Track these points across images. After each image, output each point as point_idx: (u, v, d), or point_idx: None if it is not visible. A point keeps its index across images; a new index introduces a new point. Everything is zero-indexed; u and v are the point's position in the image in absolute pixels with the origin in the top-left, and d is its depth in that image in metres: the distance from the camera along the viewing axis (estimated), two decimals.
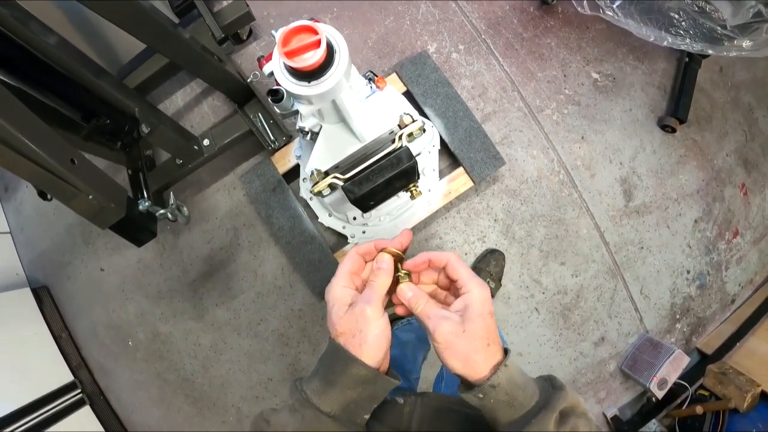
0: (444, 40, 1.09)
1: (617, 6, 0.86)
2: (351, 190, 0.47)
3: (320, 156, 0.51)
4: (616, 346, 1.11)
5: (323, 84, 0.41)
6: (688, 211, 1.13)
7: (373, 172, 0.48)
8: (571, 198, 1.07)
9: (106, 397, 1.27)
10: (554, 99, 1.08)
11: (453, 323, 0.30)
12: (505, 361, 0.30)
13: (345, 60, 0.41)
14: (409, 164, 0.47)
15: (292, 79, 0.42)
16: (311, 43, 0.39)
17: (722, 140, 1.16)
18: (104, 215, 0.65)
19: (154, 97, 1.19)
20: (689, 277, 1.14)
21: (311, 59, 0.38)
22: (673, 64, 1.15)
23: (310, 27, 0.39)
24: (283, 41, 0.39)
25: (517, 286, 1.07)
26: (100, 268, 1.25)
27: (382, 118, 0.50)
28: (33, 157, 0.54)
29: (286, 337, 1.10)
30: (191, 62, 0.85)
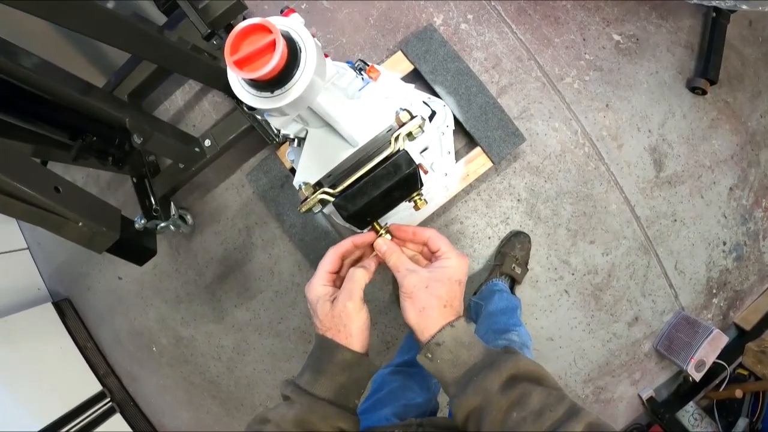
0: (451, 10, 1.02)
1: None
2: (343, 207, 0.39)
3: (308, 166, 0.43)
4: (651, 326, 1.06)
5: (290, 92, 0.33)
6: (722, 178, 1.06)
7: (367, 183, 0.39)
8: (598, 171, 1.01)
9: (136, 403, 1.29)
10: (574, 66, 1.01)
11: (420, 277, 0.33)
12: (453, 322, 0.32)
13: (313, 58, 0.33)
14: (409, 171, 0.39)
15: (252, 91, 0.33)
16: (265, 46, 0.31)
17: (756, 100, 1.08)
18: (98, 240, 0.63)
19: (153, 99, 1.15)
20: (725, 249, 1.08)
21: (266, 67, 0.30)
22: (699, 20, 1.06)
23: (261, 26, 0.31)
24: (230, 48, 0.31)
25: (545, 268, 1.02)
26: (118, 276, 1.25)
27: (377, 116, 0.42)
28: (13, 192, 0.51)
29: (309, 335, 1.08)
30: (181, 65, 0.81)
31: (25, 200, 0.53)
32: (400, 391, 0.62)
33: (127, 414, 1.26)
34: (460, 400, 0.30)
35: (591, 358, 1.06)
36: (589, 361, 1.06)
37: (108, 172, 1.16)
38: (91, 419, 1.15)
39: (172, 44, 0.76)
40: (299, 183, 0.42)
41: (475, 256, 1.03)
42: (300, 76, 0.33)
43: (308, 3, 1.07)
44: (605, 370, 1.08)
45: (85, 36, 0.63)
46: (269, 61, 0.31)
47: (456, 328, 0.32)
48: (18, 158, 0.53)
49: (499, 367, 0.30)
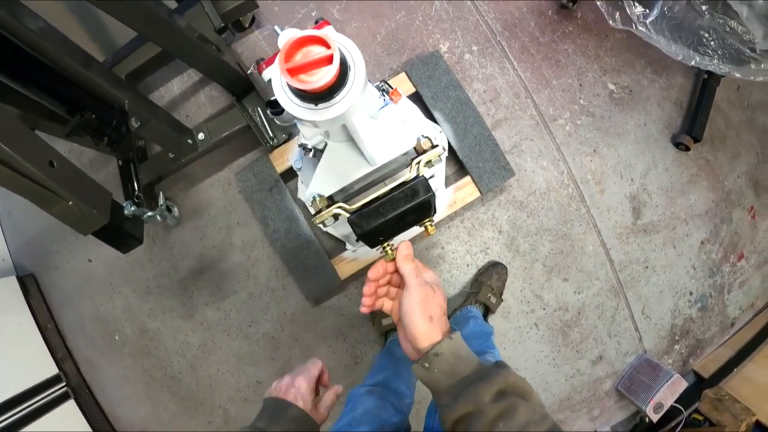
0: (457, 39, 1.04)
1: (650, 22, 0.82)
2: (358, 224, 0.40)
3: (323, 179, 0.44)
4: (614, 365, 1.09)
5: (333, 108, 0.33)
6: (695, 231, 1.11)
7: (383, 204, 0.40)
8: (579, 213, 1.04)
9: (91, 391, 1.24)
10: (568, 108, 1.04)
11: (427, 288, 0.37)
12: (451, 335, 0.34)
13: (361, 79, 0.34)
14: (426, 197, 0.40)
15: (296, 100, 0.34)
16: (321, 59, 0.31)
17: (734, 161, 1.13)
18: (86, 222, 0.61)
19: (149, 83, 1.13)
20: (691, 299, 1.13)
21: (321, 80, 0.31)
22: (691, 79, 1.11)
23: (320, 38, 0.31)
24: (286, 55, 0.31)
25: (518, 300, 1.04)
26: (89, 259, 1.21)
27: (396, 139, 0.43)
28: (6, 160, 0.49)
29: (278, 341, 1.07)
30: (186, 52, 0.79)
31: (17, 170, 0.50)
32: (375, 410, 0.63)
33: (81, 401, 1.22)
34: (451, 407, 0.31)
35: (553, 392, 1.09)
36: (551, 394, 1.09)
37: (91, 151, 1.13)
38: (43, 403, 1.10)
39: (180, 30, 0.74)
40: (314, 194, 0.42)
41: (452, 281, 1.04)
42: (346, 94, 0.34)
43: (318, 11, 1.07)
44: (566, 404, 1.10)
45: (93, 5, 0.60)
46: (325, 75, 0.31)
47: (454, 340, 0.34)
48: (16, 125, 0.51)
49: (491, 379, 0.32)
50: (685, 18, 0.83)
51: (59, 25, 0.72)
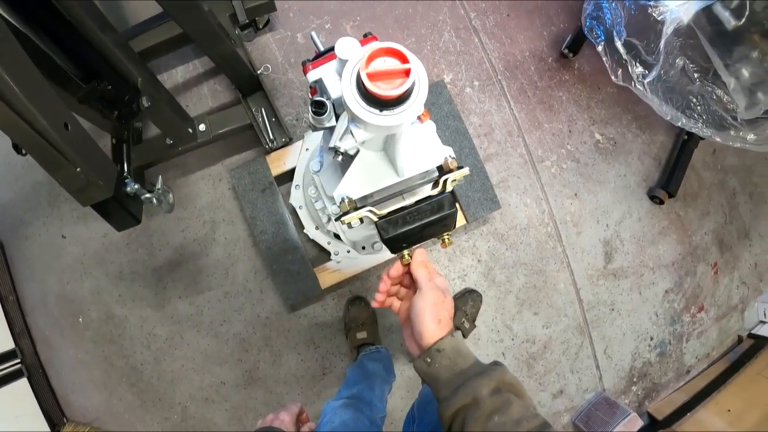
0: (461, 72, 1.08)
1: (647, 82, 0.89)
2: (385, 229, 0.44)
3: (353, 183, 0.47)
4: (573, 400, 1.13)
5: (396, 117, 0.37)
6: (661, 281, 1.17)
7: (411, 213, 0.44)
8: (555, 252, 1.08)
9: (45, 372, 1.19)
10: (556, 152, 1.09)
11: (439, 292, 0.40)
12: (453, 333, 0.37)
13: (423, 96, 0.37)
14: (450, 212, 0.45)
15: (362, 102, 0.37)
16: (398, 71, 0.35)
17: (703, 219, 1.21)
18: (89, 192, 0.59)
19: (153, 67, 1.12)
20: (651, 344, 1.18)
21: (398, 90, 0.35)
22: (671, 139, 1.19)
23: (398, 51, 0.36)
24: (367, 60, 0.35)
25: (488, 328, 1.07)
26: (62, 234, 1.17)
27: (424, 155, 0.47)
28: (23, 112, 0.47)
29: (248, 343, 1.06)
30: (205, 38, 0.79)
31: (32, 125, 0.48)
32: (352, 422, 0.64)
33: (33, 381, 1.16)
34: (451, 399, 0.34)
35: None
36: None
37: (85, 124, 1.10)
38: None
39: (207, 15, 0.74)
40: (343, 196, 0.45)
41: None
42: (409, 107, 0.37)
43: (332, 24, 1.10)
44: None
45: None
46: (401, 86, 0.35)
47: (455, 338, 0.37)
48: (39, 79, 0.49)
49: (489, 375, 0.34)
50: (677, 82, 0.91)
51: None
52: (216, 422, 1.08)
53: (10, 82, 0.44)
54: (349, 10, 1.10)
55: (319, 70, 0.53)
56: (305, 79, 0.56)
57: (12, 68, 0.45)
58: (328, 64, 0.53)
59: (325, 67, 0.52)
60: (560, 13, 1.15)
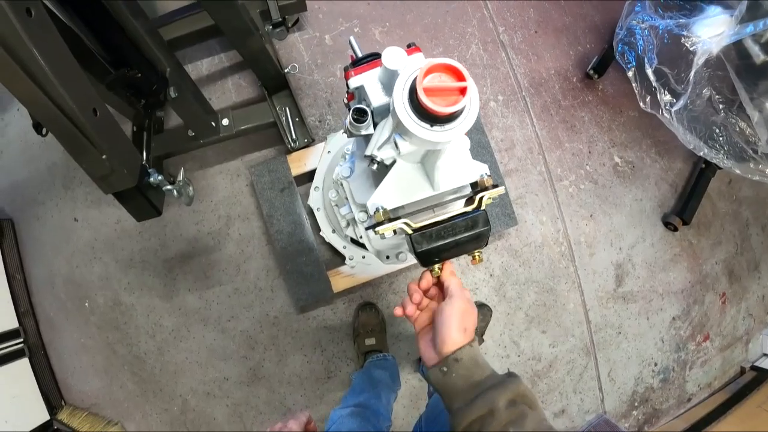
0: (486, 86, 1.09)
1: (675, 111, 0.89)
2: (419, 242, 0.44)
3: (388, 193, 0.46)
4: (574, 421, 1.13)
5: (446, 134, 0.37)
6: (669, 307, 1.17)
7: (445, 229, 0.44)
8: (567, 271, 1.08)
9: (47, 354, 1.18)
10: (575, 172, 1.10)
11: (467, 301, 0.40)
12: (471, 343, 0.37)
13: (475, 114, 0.38)
14: (484, 229, 0.44)
15: (413, 115, 0.37)
16: (454, 89, 0.35)
17: (715, 248, 1.21)
18: (113, 180, 0.59)
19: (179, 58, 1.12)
20: (655, 370, 1.18)
21: (453, 107, 0.35)
22: (689, 166, 1.19)
23: (456, 69, 0.36)
24: (424, 74, 0.35)
25: (496, 343, 1.07)
26: (75, 218, 1.17)
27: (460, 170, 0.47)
28: (53, 95, 0.47)
29: (254, 341, 1.06)
30: (237, 32, 0.79)
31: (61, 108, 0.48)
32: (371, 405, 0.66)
33: (34, 361, 1.15)
34: (466, 410, 0.34)
35: None
36: None
37: None
38: None
39: (239, 8, 0.73)
40: (378, 206, 0.45)
41: None
42: (459, 124, 0.37)
43: (361, 29, 1.10)
44: None
45: None
46: (456, 104, 0.35)
47: (474, 348, 0.37)
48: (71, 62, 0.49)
49: (506, 387, 0.34)
50: (702, 112, 0.91)
51: None
52: (216, 417, 1.07)
53: (41, 62, 0.44)
54: (379, 15, 1.10)
55: (361, 76, 0.53)
56: (332, 82, 0.55)
57: (44, 48, 0.44)
58: (371, 71, 0.52)
59: (367, 74, 0.51)
60: (587, 34, 1.15)
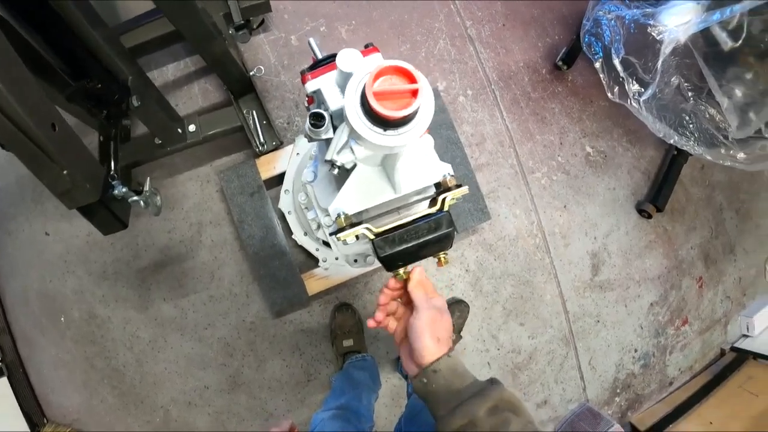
0: (455, 80, 1.08)
1: (643, 100, 0.90)
2: (381, 247, 0.43)
3: (349, 198, 0.45)
4: (557, 410, 1.14)
5: (400, 137, 0.36)
6: (646, 294, 1.18)
7: (408, 232, 0.43)
8: (543, 263, 1.09)
9: (25, 371, 1.17)
10: (546, 164, 1.10)
11: (436, 311, 0.40)
12: (449, 353, 0.37)
13: (429, 115, 0.36)
14: (448, 231, 0.43)
15: (367, 121, 0.36)
16: (406, 91, 0.34)
17: (690, 233, 1.23)
18: (75, 195, 0.58)
19: (144, 64, 1.09)
20: (635, 356, 1.20)
21: (404, 111, 0.34)
22: (661, 153, 1.20)
23: (407, 71, 0.35)
24: (373, 78, 0.34)
25: (474, 338, 1.07)
26: (45, 231, 1.15)
27: (422, 171, 0.46)
28: (9, 112, 0.46)
29: (232, 348, 1.05)
30: (198, 37, 0.77)
31: (18, 125, 0.46)
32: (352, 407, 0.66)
33: (13, 380, 1.13)
34: (447, 420, 0.34)
35: None
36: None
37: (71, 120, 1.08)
38: None
39: (199, 11, 0.71)
40: (339, 211, 0.44)
41: None
42: (413, 127, 0.36)
43: (327, 28, 1.09)
44: None
45: None
46: (407, 107, 0.34)
47: (452, 358, 0.37)
48: (26, 77, 0.47)
49: (485, 394, 0.34)
50: (672, 100, 0.92)
51: None
52: (198, 426, 1.06)
53: None
54: (345, 14, 1.09)
55: (318, 80, 0.51)
56: (299, 83, 0.55)
57: None
58: (328, 74, 0.50)
59: (324, 77, 0.50)
60: (556, 25, 1.15)
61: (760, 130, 0.90)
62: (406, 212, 0.47)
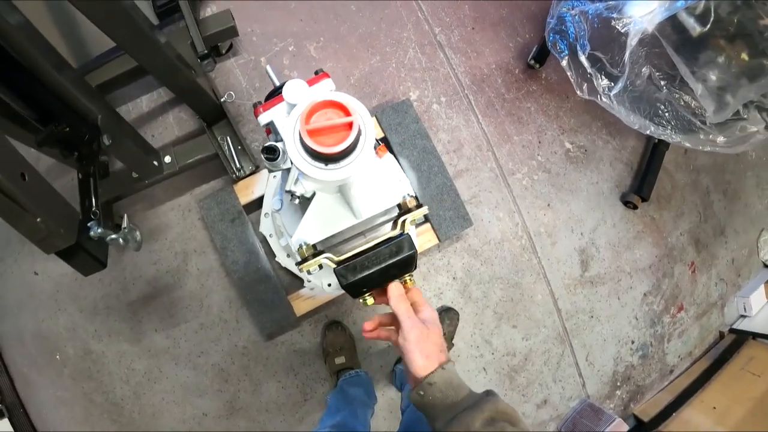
0: (427, 89, 1.08)
1: (614, 94, 0.89)
2: (344, 275, 0.43)
3: (309, 227, 0.45)
4: (558, 409, 1.14)
5: (342, 170, 0.35)
6: (639, 284, 1.18)
7: (369, 258, 0.43)
8: (531, 264, 1.09)
9: (26, 411, 1.17)
10: (526, 164, 1.10)
11: (423, 328, 0.39)
12: (444, 365, 0.37)
13: (370, 145, 0.36)
14: (410, 254, 0.43)
15: (307, 158, 0.36)
16: (340, 125, 0.34)
17: (678, 220, 1.22)
18: (51, 240, 0.58)
19: (118, 96, 1.10)
20: (633, 347, 1.19)
21: (340, 146, 0.33)
22: (642, 142, 1.19)
23: (340, 104, 0.35)
24: (306, 116, 0.34)
25: (468, 345, 1.07)
26: (34, 271, 1.15)
27: (382, 195, 0.45)
28: None
29: (227, 373, 1.05)
30: (162, 71, 0.78)
31: None
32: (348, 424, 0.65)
33: (14, 420, 1.14)
34: None
35: None
36: None
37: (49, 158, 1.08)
38: None
39: (160, 46, 0.71)
40: (300, 242, 0.44)
41: None
42: (355, 158, 0.36)
43: (296, 47, 1.09)
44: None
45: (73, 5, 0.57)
46: (343, 141, 0.33)
47: (447, 370, 0.37)
48: None
49: (481, 407, 0.34)
50: (644, 91, 0.91)
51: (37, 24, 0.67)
52: None
53: None
54: (313, 31, 1.09)
55: (269, 112, 0.51)
56: None
57: None
58: (279, 105, 0.51)
59: (275, 109, 0.51)
60: (525, 24, 1.15)
61: (738, 111, 0.89)
62: (372, 235, 0.47)
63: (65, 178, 1.13)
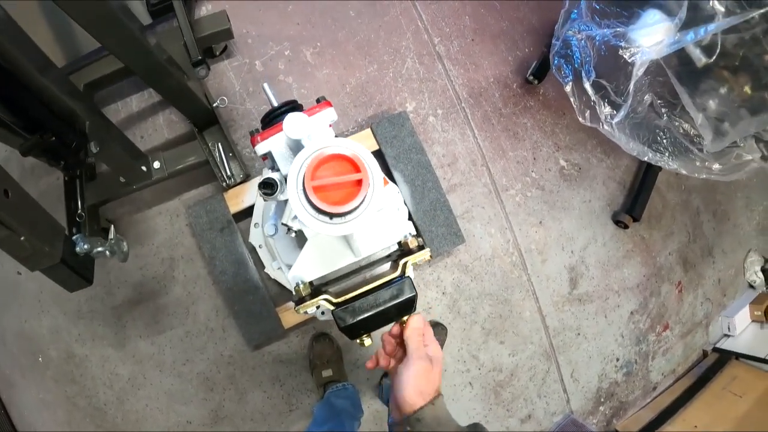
0: (424, 100, 1.07)
1: (616, 122, 0.88)
2: (342, 318, 0.42)
3: (307, 265, 0.44)
4: (541, 424, 1.15)
5: (348, 225, 0.34)
6: (626, 303, 1.19)
7: (368, 301, 0.42)
8: (520, 280, 1.09)
9: (7, 413, 1.15)
10: (520, 180, 1.09)
11: (427, 363, 0.39)
12: (433, 401, 0.37)
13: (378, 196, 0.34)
14: (410, 297, 0.42)
15: (311, 210, 0.34)
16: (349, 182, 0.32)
17: (668, 239, 1.23)
18: (36, 258, 0.57)
19: (106, 95, 1.07)
20: (618, 365, 1.21)
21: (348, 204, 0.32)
22: (636, 162, 1.19)
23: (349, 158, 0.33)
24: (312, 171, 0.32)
25: (455, 359, 1.07)
26: (18, 271, 1.13)
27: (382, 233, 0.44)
28: None
29: (212, 382, 1.04)
30: (151, 75, 0.75)
31: None
32: None
33: None
34: None
35: None
36: None
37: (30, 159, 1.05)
38: None
39: (149, 49, 0.68)
40: (298, 280, 0.43)
41: None
42: (362, 213, 0.34)
43: (292, 51, 1.06)
44: None
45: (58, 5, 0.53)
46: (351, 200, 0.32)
47: (436, 406, 0.37)
48: None
49: None
50: (645, 118, 0.91)
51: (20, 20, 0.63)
52: None
53: None
54: (310, 36, 1.07)
55: (267, 142, 0.48)
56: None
57: None
58: (278, 135, 0.48)
59: (274, 138, 0.48)
60: (526, 37, 1.14)
61: (735, 141, 0.89)
62: (370, 272, 0.45)
63: (51, 176, 1.10)
